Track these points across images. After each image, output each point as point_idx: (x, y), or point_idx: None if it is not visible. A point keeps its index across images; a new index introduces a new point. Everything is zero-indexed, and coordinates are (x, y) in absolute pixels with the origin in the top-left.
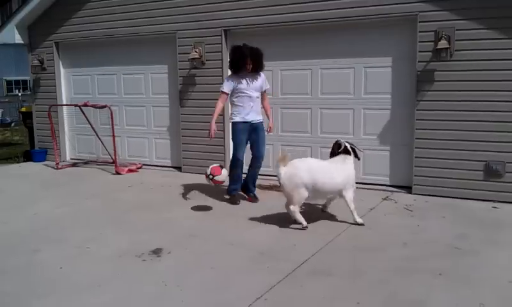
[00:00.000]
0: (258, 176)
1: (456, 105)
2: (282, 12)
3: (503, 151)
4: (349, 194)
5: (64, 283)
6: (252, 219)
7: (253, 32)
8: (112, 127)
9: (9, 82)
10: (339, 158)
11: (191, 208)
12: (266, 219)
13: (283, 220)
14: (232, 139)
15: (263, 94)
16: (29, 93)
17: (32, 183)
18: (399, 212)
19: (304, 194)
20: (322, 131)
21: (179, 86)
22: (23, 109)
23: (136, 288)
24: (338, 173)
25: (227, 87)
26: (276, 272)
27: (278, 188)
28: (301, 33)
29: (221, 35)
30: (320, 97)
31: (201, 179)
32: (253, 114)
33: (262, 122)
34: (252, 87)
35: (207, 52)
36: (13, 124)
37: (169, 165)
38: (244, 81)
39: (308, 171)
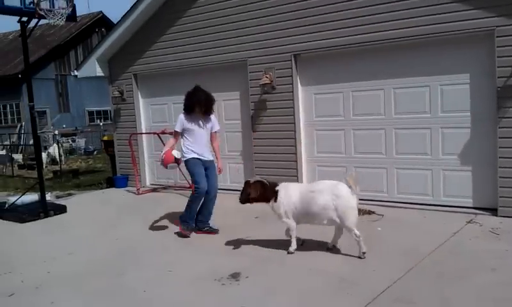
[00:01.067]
0: None
1: None
2: (351, 34)
3: None
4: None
5: (147, 305)
6: (326, 239)
7: (323, 55)
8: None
9: (91, 113)
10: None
11: (267, 232)
12: (342, 244)
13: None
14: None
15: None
16: (109, 122)
17: (114, 209)
18: (485, 236)
19: None
20: (398, 152)
21: (251, 111)
22: (105, 138)
23: None
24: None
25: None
26: (358, 298)
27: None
28: (372, 53)
29: (290, 60)
30: (394, 117)
31: None
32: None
33: (212, 160)
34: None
35: (277, 77)
36: (95, 152)
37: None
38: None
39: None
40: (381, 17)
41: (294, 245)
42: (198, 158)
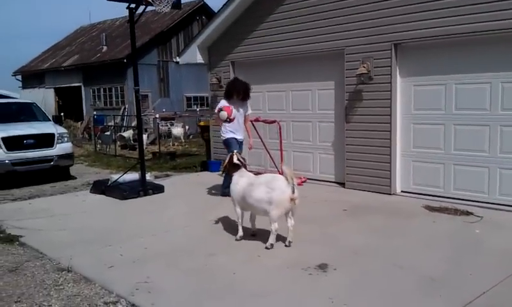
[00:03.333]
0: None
1: None
2: (458, 23)
3: None
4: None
5: (237, 287)
6: (423, 239)
7: (426, 45)
8: (280, 141)
9: (188, 98)
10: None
11: (355, 225)
12: (438, 241)
13: (458, 244)
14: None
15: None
16: (206, 108)
17: (208, 191)
18: None
19: None
20: (502, 150)
21: (345, 101)
22: (201, 123)
23: (303, 302)
24: None
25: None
26: (452, 301)
27: (449, 211)
28: (480, 44)
29: (390, 49)
30: (501, 113)
31: (368, 196)
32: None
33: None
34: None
35: (375, 67)
36: (190, 136)
37: (333, 180)
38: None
39: None
40: (492, 6)
41: (240, 233)
42: (233, 138)
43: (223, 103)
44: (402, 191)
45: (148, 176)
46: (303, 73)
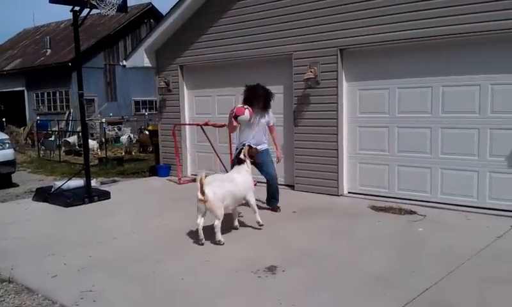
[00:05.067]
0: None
1: None
2: (400, 29)
3: None
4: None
5: (184, 293)
6: (369, 239)
7: (369, 50)
8: (230, 145)
9: (137, 102)
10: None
11: (304, 226)
12: (383, 241)
13: (402, 242)
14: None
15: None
16: (154, 112)
17: (156, 197)
18: None
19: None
20: (443, 152)
21: (294, 105)
22: (149, 127)
23: (251, 304)
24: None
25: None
26: (396, 300)
27: (393, 211)
28: (420, 50)
29: (336, 55)
30: (441, 116)
31: (316, 197)
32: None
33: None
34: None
35: (322, 72)
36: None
37: (283, 183)
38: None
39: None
40: (433, 12)
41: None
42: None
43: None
44: (349, 192)
45: (94, 183)
46: (253, 77)
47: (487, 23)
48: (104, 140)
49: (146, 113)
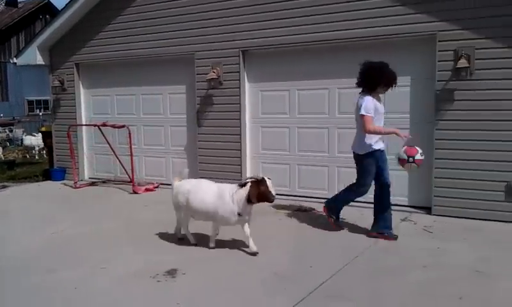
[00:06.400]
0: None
1: (476, 124)
2: (297, 33)
3: None
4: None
5: (78, 303)
6: (269, 237)
7: (270, 53)
8: (130, 147)
9: (30, 102)
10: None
11: (209, 227)
12: (283, 238)
13: (301, 239)
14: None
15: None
16: (49, 112)
17: (49, 203)
18: (419, 234)
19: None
20: (340, 151)
21: (197, 106)
22: (43, 129)
23: None
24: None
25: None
26: (292, 295)
27: (294, 209)
28: (319, 53)
29: (238, 56)
30: (338, 117)
31: None
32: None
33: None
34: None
35: (224, 73)
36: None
37: None
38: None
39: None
40: (326, 17)
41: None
42: (382, 150)
43: (371, 101)
44: None
45: None
46: (155, 76)
47: (367, 30)
48: None
49: (41, 113)
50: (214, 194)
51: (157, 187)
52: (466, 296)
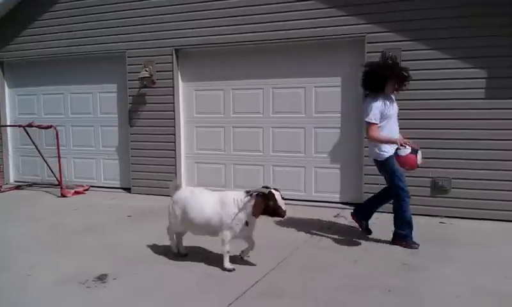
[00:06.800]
0: None
1: (405, 123)
2: (230, 32)
3: (449, 168)
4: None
5: None
6: (197, 240)
7: (204, 52)
8: (58, 148)
9: None
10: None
11: (141, 230)
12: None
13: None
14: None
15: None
16: None
17: None
18: (349, 229)
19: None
20: (274, 150)
21: (128, 105)
22: None
23: None
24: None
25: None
26: (226, 295)
27: None
28: (252, 53)
29: (172, 54)
30: (272, 116)
31: (154, 200)
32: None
33: None
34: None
35: (157, 71)
36: None
37: (118, 186)
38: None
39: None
40: (259, 18)
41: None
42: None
43: (378, 107)
44: None
45: None
46: (84, 75)
47: (300, 31)
48: None
49: None
50: (215, 202)
51: (87, 190)
52: (395, 288)
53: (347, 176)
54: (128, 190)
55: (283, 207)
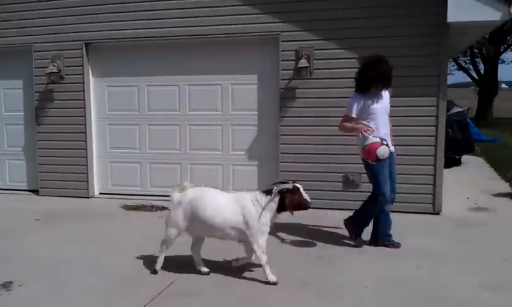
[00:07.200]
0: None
1: (316, 120)
2: (143, 27)
3: (359, 163)
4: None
5: None
6: (117, 239)
7: (116, 46)
8: None
9: None
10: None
11: (50, 233)
12: (129, 239)
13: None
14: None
15: None
16: None
17: None
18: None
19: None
20: (192, 147)
21: (35, 102)
22: None
23: None
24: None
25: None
26: (141, 296)
27: (145, 208)
28: (166, 49)
29: (81, 48)
30: (189, 113)
31: (65, 201)
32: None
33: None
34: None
35: (66, 66)
36: None
37: (26, 188)
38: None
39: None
40: (174, 13)
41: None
42: (391, 152)
43: (356, 99)
44: (100, 193)
45: None
46: None
47: (216, 27)
48: None
49: None
50: (230, 201)
51: None
52: (308, 281)
53: (264, 173)
54: (36, 192)
55: (308, 199)
